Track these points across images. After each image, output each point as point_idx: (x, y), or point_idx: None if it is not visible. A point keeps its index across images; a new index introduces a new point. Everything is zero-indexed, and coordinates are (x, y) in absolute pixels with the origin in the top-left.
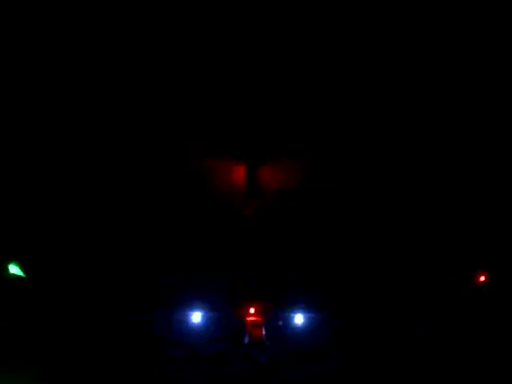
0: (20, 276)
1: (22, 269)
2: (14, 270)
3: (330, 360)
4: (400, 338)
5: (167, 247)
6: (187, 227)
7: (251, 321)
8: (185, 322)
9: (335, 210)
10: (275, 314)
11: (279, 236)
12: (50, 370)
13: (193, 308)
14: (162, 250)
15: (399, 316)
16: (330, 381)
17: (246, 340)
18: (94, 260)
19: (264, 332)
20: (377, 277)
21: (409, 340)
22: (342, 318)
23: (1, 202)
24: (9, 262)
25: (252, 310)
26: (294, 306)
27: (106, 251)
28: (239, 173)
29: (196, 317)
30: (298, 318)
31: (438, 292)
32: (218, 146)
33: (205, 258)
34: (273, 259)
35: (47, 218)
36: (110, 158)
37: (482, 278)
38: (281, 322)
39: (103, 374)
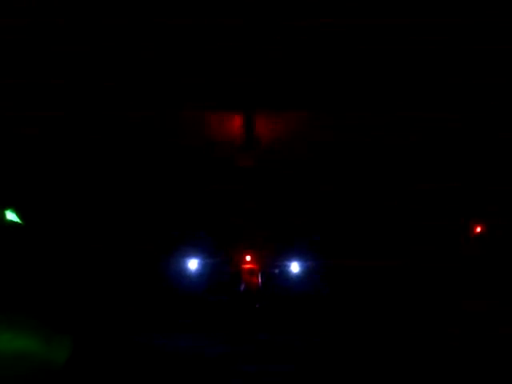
0: (17, 222)
1: (19, 215)
2: (10, 216)
3: (325, 306)
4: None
5: (165, 198)
6: (185, 179)
7: (247, 268)
8: (181, 269)
9: (331, 160)
10: (271, 262)
11: (276, 186)
12: (48, 316)
13: (189, 255)
14: (160, 200)
15: (394, 263)
16: (324, 326)
17: (242, 287)
18: (93, 209)
19: (260, 279)
20: (372, 225)
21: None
22: (338, 266)
23: None
24: (6, 209)
25: (248, 258)
26: (291, 254)
27: (105, 199)
28: (236, 123)
29: (192, 264)
30: (294, 266)
31: (433, 238)
32: (214, 95)
33: (202, 209)
34: (270, 209)
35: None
36: (105, 111)
37: (478, 229)
38: (277, 270)
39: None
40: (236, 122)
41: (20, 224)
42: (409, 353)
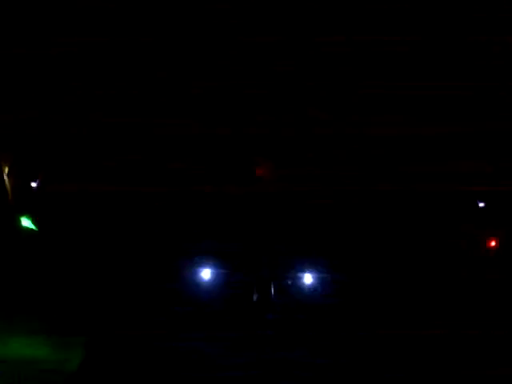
0: (32, 229)
1: (34, 222)
2: (26, 222)
3: (337, 318)
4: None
5: (178, 208)
6: (198, 189)
7: (260, 278)
8: (195, 279)
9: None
10: (284, 273)
11: (290, 200)
12: (60, 321)
13: (203, 265)
14: (173, 210)
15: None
16: (334, 336)
17: (255, 298)
18: (105, 217)
19: (273, 290)
20: (384, 238)
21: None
22: (349, 278)
23: None
24: (21, 216)
25: (261, 268)
26: (304, 265)
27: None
28: None
29: (206, 274)
30: (307, 278)
31: (442, 250)
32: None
33: (217, 219)
34: (283, 224)
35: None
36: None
37: (493, 243)
38: (290, 282)
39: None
40: None
41: (34, 230)
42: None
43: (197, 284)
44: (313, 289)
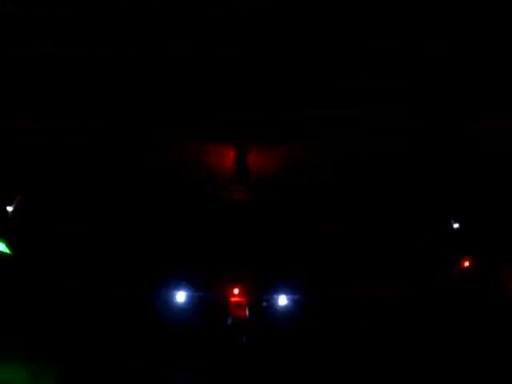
0: (6, 253)
1: (9, 246)
2: (0, 247)
3: (311, 339)
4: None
5: (154, 231)
6: (176, 211)
7: (235, 302)
8: (169, 301)
9: (321, 197)
10: (259, 295)
11: (265, 221)
12: (37, 347)
13: (177, 288)
14: (148, 233)
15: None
16: (310, 358)
17: (230, 320)
18: (86, 240)
19: (247, 313)
20: (358, 258)
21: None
22: (324, 299)
23: None
24: None
25: (236, 291)
26: (278, 287)
27: (98, 234)
28: (229, 157)
29: (180, 297)
30: (282, 300)
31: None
32: (209, 130)
33: (191, 241)
34: (258, 243)
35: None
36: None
37: (467, 264)
38: (264, 303)
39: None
40: (229, 155)
41: (10, 255)
42: None
43: (172, 307)
44: (287, 310)
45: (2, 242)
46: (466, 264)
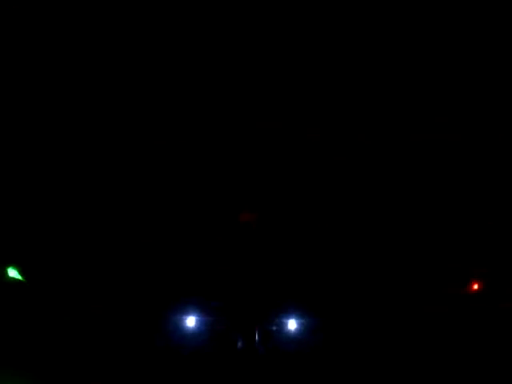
0: (19, 279)
1: (21, 272)
2: (12, 273)
3: (323, 363)
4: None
5: (164, 256)
6: (186, 236)
7: (245, 325)
8: (180, 326)
9: (332, 219)
10: (269, 319)
11: (273, 242)
12: (49, 373)
13: (187, 313)
14: (157, 258)
15: (390, 322)
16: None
17: (240, 345)
18: (92, 264)
19: (257, 337)
20: (370, 285)
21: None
22: (335, 324)
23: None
24: (8, 266)
25: (246, 314)
26: (288, 311)
27: (104, 254)
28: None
29: (190, 321)
30: (291, 324)
31: (430, 299)
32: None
33: (201, 267)
34: (268, 266)
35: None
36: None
37: (476, 287)
38: (274, 327)
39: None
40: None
41: (20, 281)
42: None
43: (181, 332)
44: (298, 334)
45: (15, 268)
46: (475, 287)
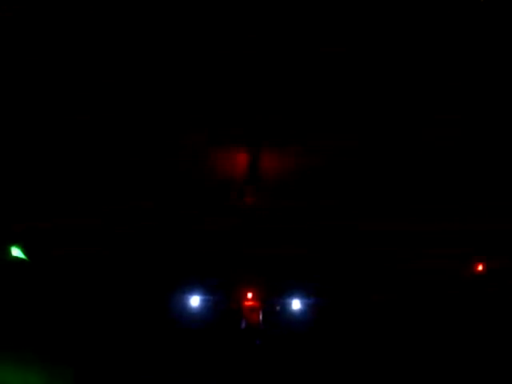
0: (22, 259)
1: (24, 251)
2: (16, 252)
3: (325, 343)
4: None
5: (166, 235)
6: (190, 218)
7: (248, 306)
8: (183, 306)
9: (333, 196)
10: (272, 299)
11: (278, 223)
12: (53, 352)
13: (191, 292)
14: (160, 238)
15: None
16: (324, 362)
17: (243, 325)
18: (97, 243)
19: (261, 317)
20: (374, 264)
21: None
22: (338, 304)
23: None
24: (11, 245)
25: (249, 295)
26: (292, 291)
27: (108, 235)
28: (241, 162)
29: (194, 301)
30: (295, 304)
31: (434, 280)
32: (219, 133)
33: (203, 246)
34: (271, 246)
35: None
36: (110, 148)
37: (480, 268)
38: (278, 307)
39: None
40: (240, 158)
41: (24, 260)
42: None
43: (185, 311)
44: (301, 315)
45: (19, 247)
46: (480, 268)
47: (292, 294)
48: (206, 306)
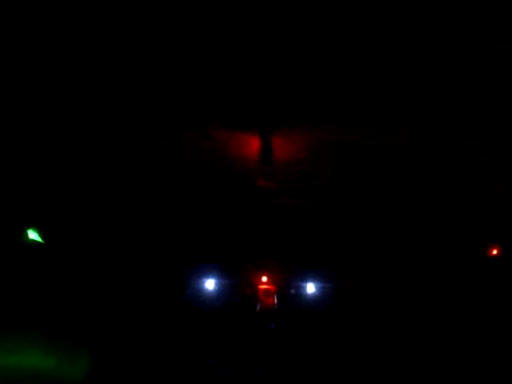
0: (38, 242)
1: (41, 234)
2: (32, 235)
3: (339, 326)
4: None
5: (182, 218)
6: (206, 202)
7: (263, 289)
8: (199, 288)
9: (347, 180)
10: (287, 283)
11: (293, 208)
12: (64, 333)
13: (207, 276)
14: (178, 220)
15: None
16: (338, 346)
17: (258, 307)
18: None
19: (275, 300)
20: (388, 248)
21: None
22: (352, 288)
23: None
24: (28, 228)
25: (264, 279)
26: (306, 275)
27: (124, 219)
28: (253, 145)
29: (209, 284)
30: (310, 287)
31: (447, 262)
32: (231, 117)
33: (220, 230)
34: (286, 230)
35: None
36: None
37: (495, 252)
38: (293, 291)
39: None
40: (254, 142)
41: (40, 243)
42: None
43: (200, 294)
44: (315, 298)
45: (34, 230)
46: (495, 252)
47: (306, 278)
48: (221, 290)
